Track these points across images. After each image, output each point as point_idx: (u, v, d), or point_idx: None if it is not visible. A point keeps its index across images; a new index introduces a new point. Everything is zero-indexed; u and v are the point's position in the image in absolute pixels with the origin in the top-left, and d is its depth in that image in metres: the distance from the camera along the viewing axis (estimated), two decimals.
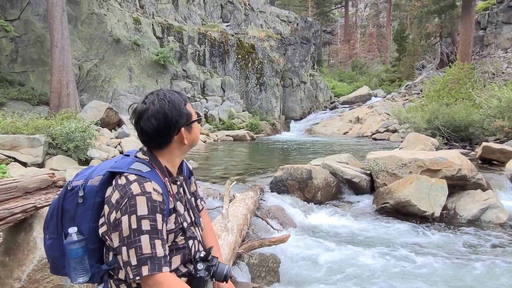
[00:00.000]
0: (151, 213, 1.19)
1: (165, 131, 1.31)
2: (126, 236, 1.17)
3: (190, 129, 1.38)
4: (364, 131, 20.29)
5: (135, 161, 1.32)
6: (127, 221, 1.17)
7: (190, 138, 1.38)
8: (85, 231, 1.29)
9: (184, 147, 1.39)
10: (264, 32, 24.33)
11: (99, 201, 1.28)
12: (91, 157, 8.13)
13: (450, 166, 5.77)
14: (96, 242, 1.31)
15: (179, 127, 1.33)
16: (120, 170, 1.27)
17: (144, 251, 1.16)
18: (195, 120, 1.39)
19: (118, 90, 16.43)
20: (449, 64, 17.70)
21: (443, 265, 3.78)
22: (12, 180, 2.08)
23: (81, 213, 1.30)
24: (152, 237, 1.18)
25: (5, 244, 2.10)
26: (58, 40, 12.35)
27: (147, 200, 1.19)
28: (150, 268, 1.16)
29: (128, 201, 1.18)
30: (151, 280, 1.17)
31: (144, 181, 1.23)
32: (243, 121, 19.67)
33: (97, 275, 1.34)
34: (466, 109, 12.14)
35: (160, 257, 1.18)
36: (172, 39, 19.50)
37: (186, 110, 1.36)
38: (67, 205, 1.32)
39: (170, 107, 1.30)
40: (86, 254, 1.29)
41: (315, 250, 4.16)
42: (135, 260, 1.16)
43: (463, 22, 20.84)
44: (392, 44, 39.65)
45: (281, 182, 6.12)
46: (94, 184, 1.30)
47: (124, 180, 1.23)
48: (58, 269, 1.38)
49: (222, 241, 2.92)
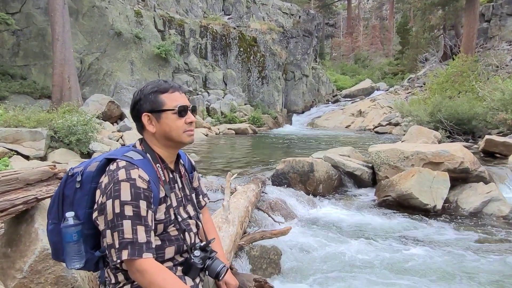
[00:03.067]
0: (134, 199, 1.21)
1: (134, 114, 1.40)
2: (110, 219, 1.20)
3: (159, 118, 1.35)
4: (366, 124, 20.23)
5: (131, 150, 1.36)
6: (111, 205, 1.20)
7: (159, 128, 1.35)
8: (81, 216, 1.31)
9: (154, 135, 1.37)
10: (266, 25, 24.18)
11: (95, 187, 1.31)
12: (93, 150, 8.15)
13: (452, 159, 5.75)
14: (91, 228, 1.33)
15: (141, 112, 1.36)
16: (114, 157, 1.30)
17: (126, 236, 1.18)
18: (164, 109, 1.34)
19: (120, 84, 16.42)
20: (453, 56, 17.54)
21: (444, 257, 3.78)
22: (13, 171, 2.08)
23: (79, 198, 1.33)
24: (134, 222, 1.19)
25: (7, 235, 2.11)
26: (59, 33, 12.32)
27: (130, 187, 1.21)
28: (130, 253, 1.17)
29: (113, 186, 1.21)
30: (135, 266, 1.19)
31: (132, 167, 1.25)
32: (245, 115, 19.64)
33: (90, 262, 1.36)
34: (469, 102, 12.07)
35: (142, 243, 1.19)
36: (173, 32, 19.41)
37: (155, 97, 1.34)
38: (67, 191, 1.35)
39: (139, 94, 1.37)
40: (81, 239, 1.31)
41: (316, 242, 4.17)
42: (117, 243, 1.19)
43: (467, 14, 20.63)
44: (395, 36, 39.39)
45: (282, 175, 6.12)
46: (91, 170, 1.33)
47: (115, 166, 1.26)
48: (58, 255, 1.41)
49: (223, 233, 2.93)
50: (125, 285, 1.31)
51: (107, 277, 1.36)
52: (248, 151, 11.41)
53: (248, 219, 3.90)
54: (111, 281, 1.34)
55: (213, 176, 6.44)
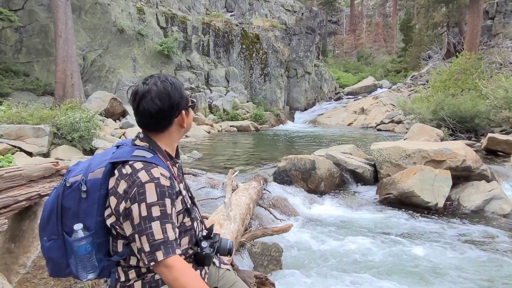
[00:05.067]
0: (160, 199, 1.20)
1: (168, 112, 1.31)
2: (137, 224, 1.18)
3: (188, 113, 1.41)
4: (368, 122, 20.17)
5: (135, 148, 1.31)
6: (137, 209, 1.18)
7: (187, 122, 1.41)
8: (91, 226, 1.27)
9: (182, 130, 1.41)
10: (269, 22, 24.11)
11: (104, 194, 1.27)
12: (95, 147, 8.19)
13: (454, 157, 5.74)
14: (103, 235, 1.30)
15: (180, 109, 1.34)
16: (123, 159, 1.27)
17: (156, 237, 1.18)
18: (191, 105, 1.43)
19: (122, 81, 16.44)
20: (456, 54, 17.43)
21: (445, 255, 3.78)
22: (17, 168, 2.10)
23: (86, 208, 1.27)
24: (163, 222, 1.19)
25: (11, 231, 2.12)
26: (62, 30, 12.34)
27: (155, 186, 1.20)
28: (165, 253, 1.18)
29: (137, 189, 1.19)
30: (163, 262, 1.18)
31: (151, 167, 1.23)
32: (247, 112, 19.64)
33: (106, 269, 1.33)
34: (472, 100, 12.02)
35: (172, 240, 1.20)
36: (176, 29, 19.40)
37: (185, 93, 1.38)
38: (67, 203, 1.29)
39: (173, 88, 1.31)
40: (94, 249, 1.28)
41: (317, 239, 4.19)
42: (148, 247, 1.18)
43: (471, 12, 20.50)
44: (398, 34, 39.15)
45: (284, 172, 6.13)
46: (97, 177, 1.28)
47: (130, 169, 1.23)
48: (59, 271, 1.35)
49: (225, 229, 2.95)
50: (136, 281, 1.31)
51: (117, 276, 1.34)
52: (250, 148, 11.42)
53: (249, 216, 3.92)
54: (120, 279, 1.33)
55: (214, 173, 6.46)
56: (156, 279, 1.31)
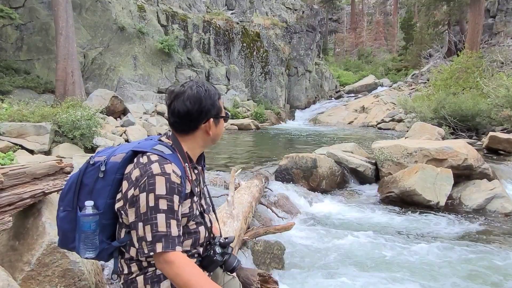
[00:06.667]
0: (169, 194, 1.23)
1: (196, 115, 1.35)
2: (143, 212, 1.21)
3: (218, 123, 1.43)
4: (369, 120, 20.16)
5: (158, 143, 1.36)
6: (145, 198, 1.21)
7: (214, 131, 1.43)
8: (101, 206, 1.32)
9: (208, 138, 1.43)
10: (270, 20, 24.08)
11: (119, 178, 1.32)
12: (96, 145, 8.18)
13: (456, 155, 5.74)
14: (110, 218, 1.35)
15: (209, 117, 1.37)
16: (143, 150, 1.31)
17: (160, 229, 1.20)
18: (223, 116, 1.45)
19: (123, 79, 16.43)
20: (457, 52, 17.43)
21: (446, 254, 3.79)
22: (21, 166, 2.10)
23: (100, 188, 1.33)
24: (168, 216, 1.22)
25: (15, 228, 2.13)
26: (63, 28, 12.31)
27: (165, 181, 1.23)
28: (164, 246, 1.20)
29: (147, 179, 1.22)
30: (163, 258, 1.20)
31: (165, 162, 1.27)
32: (247, 110, 19.63)
33: (105, 252, 1.37)
34: (473, 99, 11.99)
35: (174, 236, 1.22)
36: (176, 27, 19.37)
37: (218, 103, 1.41)
38: (86, 179, 1.35)
39: (206, 95, 1.35)
40: (98, 229, 1.33)
41: (319, 238, 4.19)
42: (150, 236, 1.20)
43: (472, 10, 20.46)
44: (399, 32, 39.11)
45: (285, 170, 6.13)
46: (116, 161, 1.34)
47: (146, 159, 1.27)
48: (66, 243, 1.41)
49: (228, 227, 2.95)
50: (138, 275, 1.33)
51: (120, 267, 1.38)
52: (251, 146, 11.42)
53: (252, 214, 3.92)
54: (123, 271, 1.36)
55: (216, 171, 6.46)
56: (158, 274, 1.32)
